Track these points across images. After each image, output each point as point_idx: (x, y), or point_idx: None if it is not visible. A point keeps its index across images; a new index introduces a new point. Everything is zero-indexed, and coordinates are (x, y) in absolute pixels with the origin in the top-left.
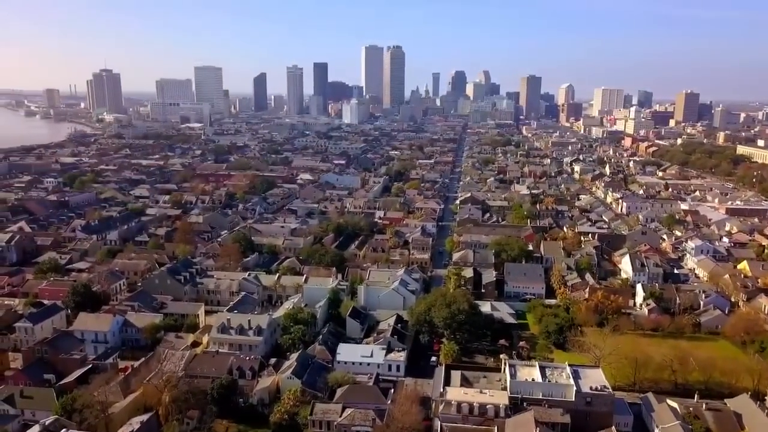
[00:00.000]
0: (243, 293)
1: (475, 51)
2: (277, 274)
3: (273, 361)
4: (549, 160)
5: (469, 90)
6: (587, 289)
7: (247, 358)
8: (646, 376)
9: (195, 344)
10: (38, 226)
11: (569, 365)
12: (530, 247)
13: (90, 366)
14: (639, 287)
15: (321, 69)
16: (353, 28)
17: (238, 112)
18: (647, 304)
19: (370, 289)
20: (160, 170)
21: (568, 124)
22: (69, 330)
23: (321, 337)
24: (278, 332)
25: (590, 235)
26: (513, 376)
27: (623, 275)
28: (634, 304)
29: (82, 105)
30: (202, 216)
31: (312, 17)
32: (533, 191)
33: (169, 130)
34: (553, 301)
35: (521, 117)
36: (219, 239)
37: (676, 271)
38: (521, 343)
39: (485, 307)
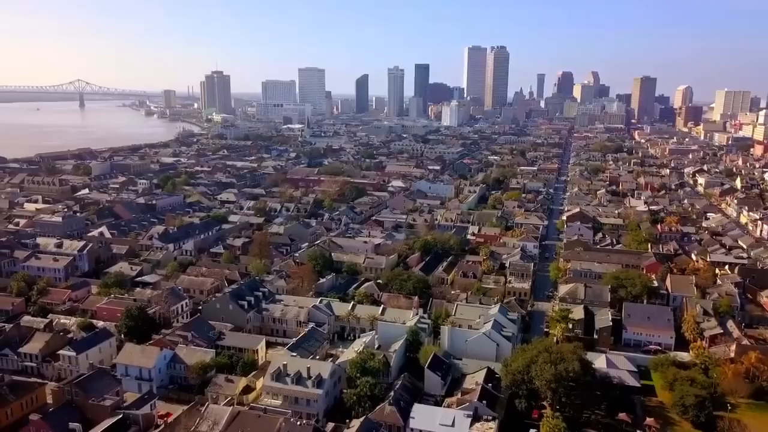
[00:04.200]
0: (311, 325)
1: (584, 51)
2: (352, 303)
3: (330, 426)
4: (668, 170)
5: (576, 92)
6: (734, 346)
7: (299, 423)
8: None
9: (247, 389)
10: (119, 232)
11: None
12: (654, 282)
13: (120, 416)
14: None
15: (422, 70)
16: (456, 29)
17: (339, 114)
18: None
19: (457, 331)
20: (251, 173)
21: (686, 129)
22: (104, 367)
23: (393, 393)
24: (343, 380)
25: (727, 266)
26: None
27: None
28: None
29: (195, 105)
30: (284, 226)
31: (415, 18)
32: (652, 207)
33: (270, 130)
34: (685, 356)
35: (633, 121)
36: (297, 253)
37: None
38: (648, 421)
39: (599, 360)
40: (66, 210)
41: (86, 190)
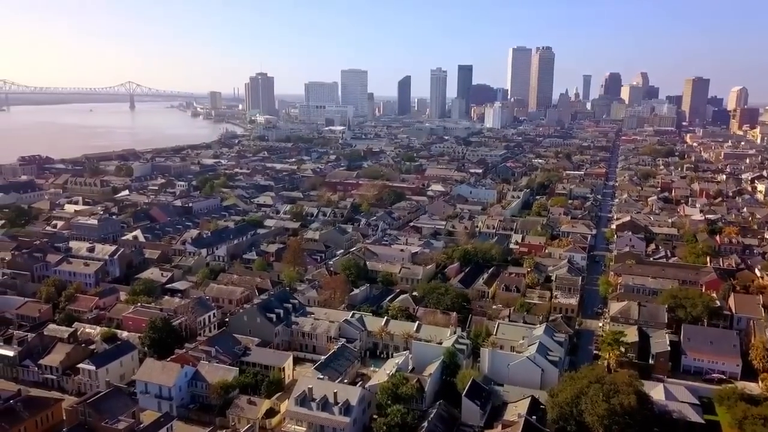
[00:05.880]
0: (342, 341)
1: (632, 52)
2: (385, 318)
3: None
4: (723, 176)
5: (624, 93)
6: None
7: None
8: None
9: (270, 412)
10: (153, 236)
11: None
12: (717, 302)
13: None
14: None
15: (465, 71)
16: (501, 30)
17: (381, 115)
18: None
19: (498, 353)
20: (290, 176)
21: (741, 132)
22: (120, 385)
23: (427, 424)
24: (373, 406)
25: None
26: None
27: None
28: None
29: (240, 107)
30: (319, 232)
31: (459, 19)
32: (708, 216)
33: (311, 132)
34: (754, 387)
35: (684, 123)
36: (332, 261)
37: None
38: None
39: (656, 391)
40: (103, 212)
41: (126, 192)
